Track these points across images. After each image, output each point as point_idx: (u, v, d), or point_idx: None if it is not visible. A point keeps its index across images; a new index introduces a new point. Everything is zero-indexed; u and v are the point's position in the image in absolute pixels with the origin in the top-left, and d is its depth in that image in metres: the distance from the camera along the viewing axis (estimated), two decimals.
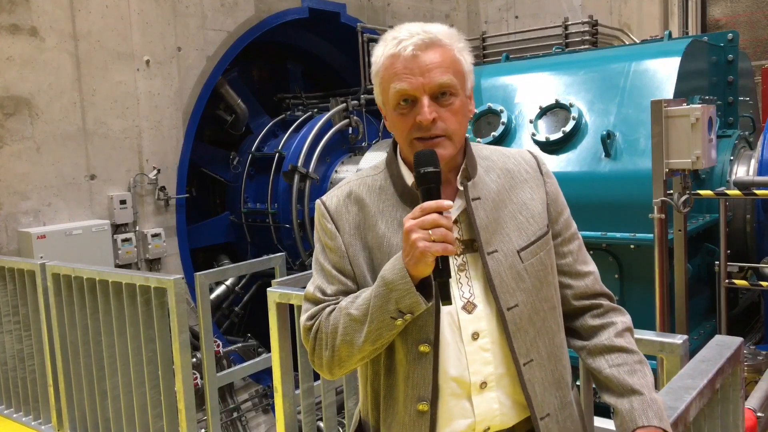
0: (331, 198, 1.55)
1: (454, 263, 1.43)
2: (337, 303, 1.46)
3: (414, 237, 1.28)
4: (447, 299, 1.33)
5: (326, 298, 1.49)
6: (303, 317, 1.52)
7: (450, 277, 1.33)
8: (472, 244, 1.45)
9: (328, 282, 1.50)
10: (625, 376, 1.45)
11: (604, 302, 1.56)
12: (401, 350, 1.44)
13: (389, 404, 1.48)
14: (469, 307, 1.43)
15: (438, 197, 1.33)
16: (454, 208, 1.41)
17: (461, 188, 1.47)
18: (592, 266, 1.59)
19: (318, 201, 1.57)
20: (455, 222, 1.44)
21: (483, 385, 1.42)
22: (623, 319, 1.55)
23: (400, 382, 1.45)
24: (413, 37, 1.40)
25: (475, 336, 1.42)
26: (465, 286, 1.44)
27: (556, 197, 1.55)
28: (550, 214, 1.53)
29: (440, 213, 1.29)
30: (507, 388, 1.44)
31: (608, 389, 1.48)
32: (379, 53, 1.45)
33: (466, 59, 1.46)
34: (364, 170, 1.60)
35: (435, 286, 1.35)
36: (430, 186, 1.34)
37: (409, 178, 1.48)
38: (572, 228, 1.58)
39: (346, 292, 1.48)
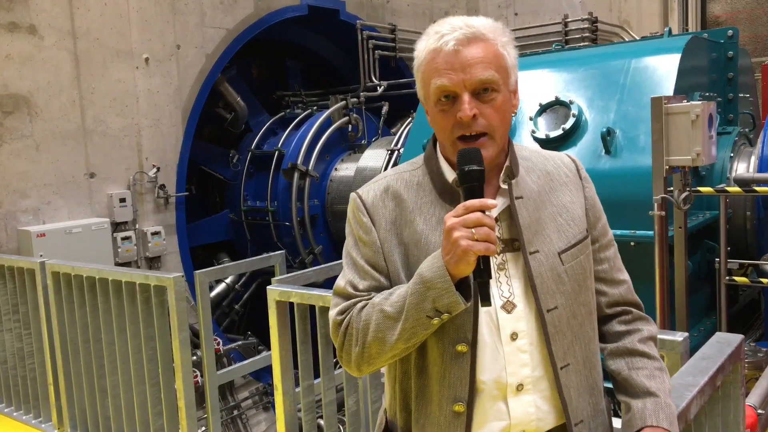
0: (368, 192, 1.51)
1: (493, 262, 1.39)
2: (369, 299, 1.43)
3: (456, 235, 1.26)
4: (486, 300, 1.30)
5: (358, 293, 1.45)
6: (333, 312, 1.48)
7: (491, 277, 1.30)
8: (512, 243, 1.42)
9: (360, 277, 1.46)
10: (643, 379, 1.45)
11: (634, 310, 1.56)
12: (435, 349, 1.40)
13: (421, 404, 1.44)
14: (508, 307, 1.40)
15: (481, 196, 1.31)
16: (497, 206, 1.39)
17: (504, 186, 1.44)
18: (626, 275, 1.59)
19: (353, 194, 1.53)
20: (495, 220, 1.40)
21: (519, 387, 1.40)
22: (649, 327, 1.55)
23: (433, 382, 1.42)
24: (455, 31, 1.37)
25: (514, 336, 1.40)
26: (504, 285, 1.41)
27: (594, 202, 1.54)
28: (589, 219, 1.51)
29: (483, 212, 1.27)
30: (544, 392, 1.42)
31: (625, 390, 1.48)
32: (421, 48, 1.42)
33: (510, 53, 1.43)
34: (401, 165, 1.57)
35: (474, 286, 1.32)
36: (473, 184, 1.31)
37: (449, 175, 1.45)
38: (609, 234, 1.57)
39: (379, 288, 1.44)
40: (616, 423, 2.39)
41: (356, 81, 9.25)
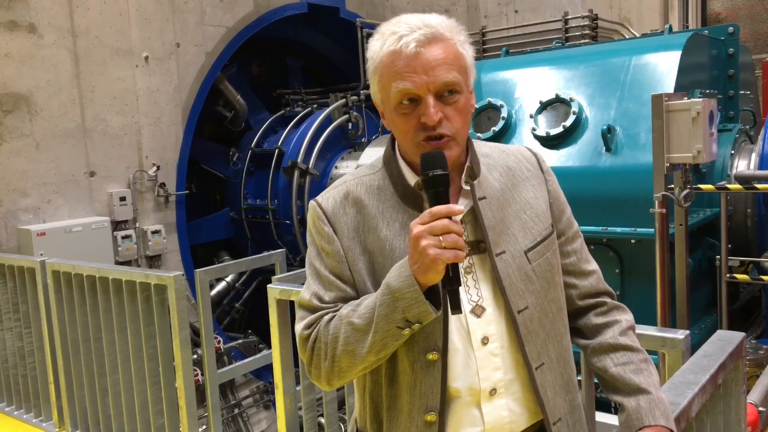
0: (327, 199, 1.46)
1: (461, 266, 1.36)
2: (336, 310, 1.39)
3: (424, 244, 1.22)
4: (457, 308, 1.27)
5: (323, 305, 1.41)
6: (299, 326, 1.43)
7: (460, 284, 1.27)
8: (478, 245, 1.39)
9: (325, 288, 1.42)
10: (631, 375, 1.43)
11: (608, 300, 1.54)
12: (405, 359, 1.37)
13: (392, 415, 1.41)
14: (477, 311, 1.38)
15: (446, 201, 1.27)
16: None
17: (466, 187, 1.41)
18: (594, 264, 1.57)
19: (312, 202, 1.48)
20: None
21: (492, 391, 1.37)
22: (626, 317, 1.53)
23: (404, 392, 1.39)
24: (414, 32, 1.32)
25: (485, 341, 1.37)
26: (472, 288, 1.38)
27: (557, 195, 1.52)
28: (553, 212, 1.49)
29: (449, 218, 1.24)
30: (516, 394, 1.40)
31: (614, 388, 1.46)
32: (377, 48, 1.37)
33: (468, 53, 1.39)
34: (360, 168, 1.53)
35: (443, 294, 1.29)
36: (438, 189, 1.28)
37: (411, 179, 1.42)
38: (575, 226, 1.55)
39: (345, 299, 1.41)
40: (600, 417, 2.40)
41: (356, 79, 9.24)
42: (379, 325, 1.30)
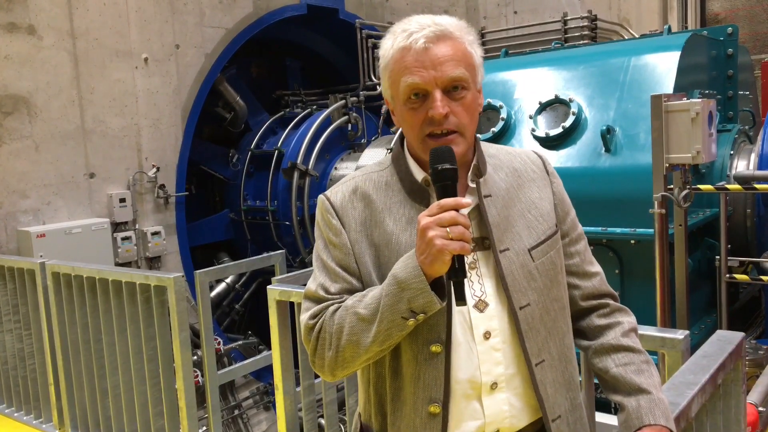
0: (336, 193, 1.50)
1: (465, 261, 1.39)
2: (341, 302, 1.42)
3: (431, 234, 1.25)
4: (462, 299, 1.29)
5: (329, 296, 1.44)
6: (304, 316, 1.46)
7: (466, 276, 1.30)
8: (482, 242, 1.43)
9: (331, 280, 1.45)
10: (632, 376, 1.44)
11: (611, 302, 1.55)
12: (409, 351, 1.40)
13: (396, 407, 1.43)
14: (480, 306, 1.40)
15: (454, 194, 1.31)
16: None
17: (472, 185, 1.44)
18: (598, 266, 1.59)
19: (321, 196, 1.52)
20: None
21: (493, 385, 1.40)
22: (629, 319, 1.54)
23: (407, 383, 1.41)
24: (424, 29, 1.37)
25: (487, 335, 1.40)
26: (476, 284, 1.41)
27: (562, 197, 1.55)
28: (558, 214, 1.52)
29: (457, 210, 1.27)
30: (517, 390, 1.42)
31: (614, 388, 1.47)
32: (388, 46, 1.41)
33: (477, 52, 1.43)
34: (369, 166, 1.56)
35: (448, 286, 1.32)
36: (446, 183, 1.31)
37: (418, 174, 1.45)
38: (579, 228, 1.57)
39: (351, 291, 1.44)
40: (600, 417, 2.40)
41: (356, 80, 9.24)
42: (384, 315, 1.33)
